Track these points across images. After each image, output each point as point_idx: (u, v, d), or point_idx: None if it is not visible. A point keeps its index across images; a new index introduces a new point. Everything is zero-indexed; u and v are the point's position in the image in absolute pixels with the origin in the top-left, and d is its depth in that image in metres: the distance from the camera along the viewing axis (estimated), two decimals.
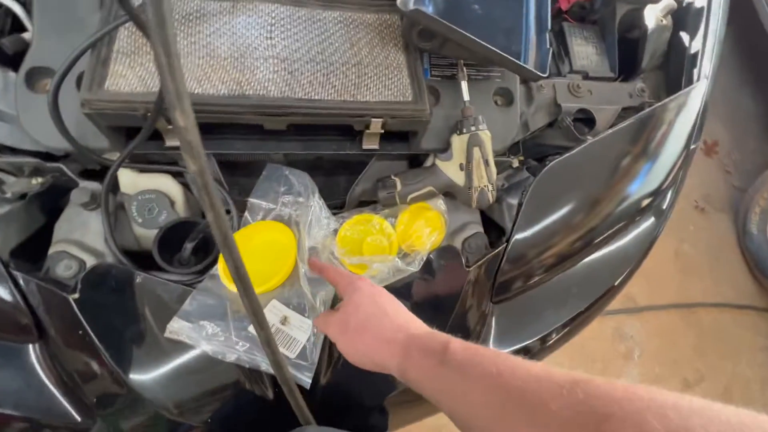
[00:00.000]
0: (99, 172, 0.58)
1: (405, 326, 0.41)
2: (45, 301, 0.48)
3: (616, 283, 0.74)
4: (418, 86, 0.55)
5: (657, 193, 0.72)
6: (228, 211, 0.59)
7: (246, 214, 0.59)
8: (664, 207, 0.75)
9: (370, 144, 0.58)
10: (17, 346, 0.50)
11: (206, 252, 0.58)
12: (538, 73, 0.53)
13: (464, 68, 0.59)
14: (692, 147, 0.76)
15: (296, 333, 0.51)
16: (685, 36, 0.78)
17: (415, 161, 0.68)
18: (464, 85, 0.59)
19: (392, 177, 0.61)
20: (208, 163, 0.58)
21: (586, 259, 0.71)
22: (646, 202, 0.71)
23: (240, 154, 0.59)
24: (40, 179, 0.53)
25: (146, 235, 0.58)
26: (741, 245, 1.86)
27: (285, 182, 0.60)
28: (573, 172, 0.65)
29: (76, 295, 0.48)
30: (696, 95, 0.74)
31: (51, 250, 0.52)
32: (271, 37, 0.54)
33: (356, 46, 0.56)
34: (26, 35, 0.55)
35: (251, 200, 0.59)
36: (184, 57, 0.50)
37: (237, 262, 0.36)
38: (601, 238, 0.69)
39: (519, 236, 0.62)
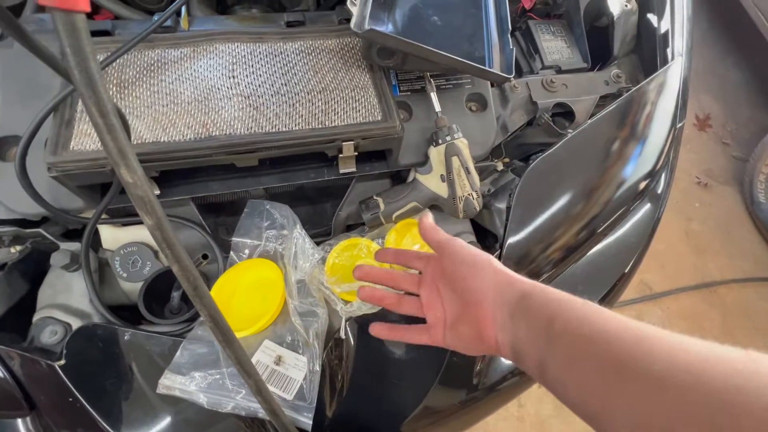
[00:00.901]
0: (81, 231, 0.58)
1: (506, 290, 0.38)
2: (31, 372, 0.46)
3: (625, 271, 0.71)
4: (386, 104, 0.54)
5: (651, 176, 0.70)
6: (205, 256, 0.58)
7: (231, 253, 0.58)
8: (660, 190, 0.72)
9: (347, 167, 0.57)
10: (7, 422, 0.48)
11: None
12: (504, 74, 0.52)
13: (431, 80, 0.59)
14: (679, 125, 0.74)
15: (292, 372, 0.49)
16: (652, 17, 0.77)
17: (398, 178, 0.67)
18: (434, 96, 0.58)
19: (374, 197, 0.60)
20: (189, 208, 0.57)
21: (588, 253, 0.68)
22: (642, 185, 0.69)
23: (218, 194, 0.58)
24: (18, 247, 0.53)
25: (133, 289, 0.57)
26: (751, 216, 1.82)
27: (267, 216, 0.59)
28: (558, 167, 0.63)
29: (62, 362, 0.47)
30: (673, 73, 0.73)
31: (35, 317, 0.51)
32: (233, 76, 0.54)
33: (320, 73, 0.56)
34: None
35: (235, 239, 0.58)
36: (148, 107, 0.50)
37: (212, 313, 0.35)
38: (598, 229, 0.67)
39: (512, 240, 0.60)
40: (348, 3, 0.49)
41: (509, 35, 0.57)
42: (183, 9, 0.59)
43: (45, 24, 0.56)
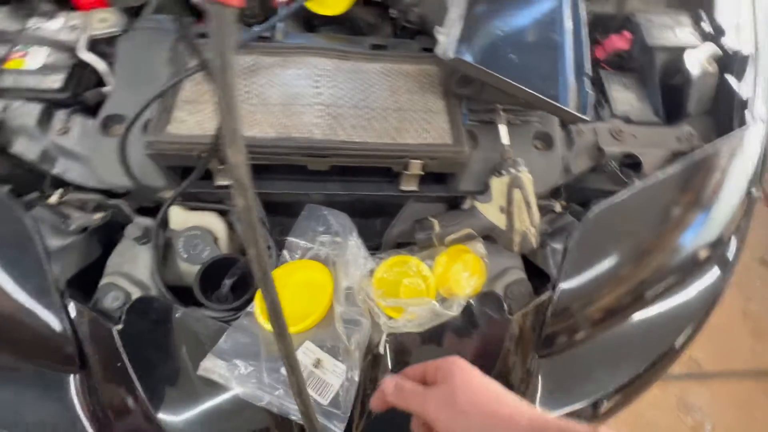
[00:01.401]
0: (152, 209, 0.62)
1: (523, 409, 0.35)
2: (92, 331, 0.49)
3: (676, 344, 0.66)
4: (457, 129, 0.56)
5: (717, 243, 0.67)
6: (269, 247, 0.60)
7: (284, 252, 0.60)
8: (730, 257, 0.68)
9: (409, 185, 0.59)
10: (58, 376, 0.51)
11: (244, 290, 0.59)
12: (580, 115, 0.53)
13: (502, 112, 0.60)
14: (755, 194, 0.71)
15: (329, 377, 0.48)
16: (732, 80, 0.75)
17: (453, 205, 0.68)
18: (503, 128, 0.59)
19: (429, 218, 0.60)
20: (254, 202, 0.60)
21: (641, 315, 0.64)
22: (704, 253, 0.65)
23: (283, 193, 0.61)
24: (100, 214, 0.57)
25: (190, 270, 0.59)
26: None
27: (323, 222, 0.61)
28: (622, 218, 0.62)
29: (120, 327, 0.49)
30: (752, 137, 0.71)
31: (102, 282, 0.54)
32: (317, 86, 0.57)
33: (397, 94, 0.59)
34: (104, 89, 0.62)
35: (290, 239, 0.60)
36: (240, 101, 0.54)
37: (274, 300, 0.36)
38: (655, 291, 0.63)
39: (566, 285, 0.58)
40: (435, 32, 0.51)
41: (586, 79, 0.57)
42: (279, 23, 0.65)
43: (162, 23, 0.63)
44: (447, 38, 0.50)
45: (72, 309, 0.49)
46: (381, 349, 0.53)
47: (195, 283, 0.55)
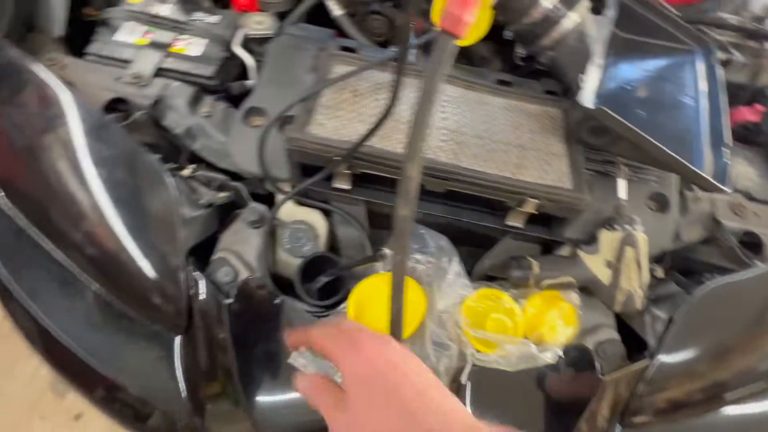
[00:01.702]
0: (262, 197, 0.66)
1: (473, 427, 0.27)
2: (205, 299, 0.53)
3: None
4: (577, 175, 0.55)
5: None
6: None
7: (377, 263, 0.61)
8: None
9: (515, 221, 0.59)
10: (164, 335, 0.55)
11: (333, 290, 0.61)
12: (718, 184, 0.51)
13: (623, 166, 0.59)
14: None
15: None
16: None
17: (547, 248, 0.67)
18: (622, 182, 0.58)
19: (528, 258, 0.60)
20: (360, 209, 0.63)
21: (741, 410, 0.59)
22: None
23: (385, 205, 0.63)
24: (224, 194, 0.62)
25: (286, 260, 0.63)
26: None
27: (419, 241, 0.62)
28: (739, 300, 0.57)
29: (230, 301, 0.53)
30: None
31: (214, 256, 0.59)
32: (444, 112, 0.60)
33: (519, 131, 0.60)
34: (248, 83, 0.69)
35: (385, 250, 0.62)
36: (371, 116, 0.57)
37: (399, 309, 0.37)
38: (761, 387, 0.58)
39: (666, 358, 0.55)
40: (579, 79, 0.52)
41: (724, 148, 0.55)
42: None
43: (309, 32, 0.69)
44: (590, 87, 0.51)
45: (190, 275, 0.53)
46: (464, 380, 0.52)
47: (296, 276, 0.58)
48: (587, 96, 0.50)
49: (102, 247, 0.55)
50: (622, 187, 0.58)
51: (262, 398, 0.50)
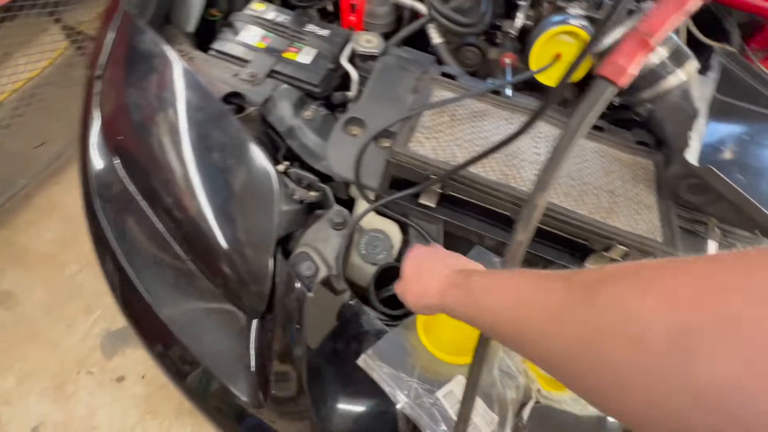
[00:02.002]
0: (341, 200, 0.70)
1: (445, 269, 0.42)
2: (287, 288, 0.56)
3: None
4: (670, 229, 0.55)
5: None
6: None
7: None
8: None
9: (596, 265, 0.58)
10: (242, 316, 0.58)
11: (399, 301, 0.62)
12: None
13: (716, 228, 0.58)
14: None
15: (479, 420, 0.49)
16: None
17: None
18: (713, 244, 0.57)
19: None
20: (438, 228, 0.65)
21: None
22: None
23: (463, 227, 0.65)
24: (314, 193, 0.66)
25: (360, 265, 0.65)
26: None
27: (488, 262, 0.63)
28: None
29: (311, 294, 0.55)
30: None
31: (297, 249, 0.62)
32: (537, 147, 0.61)
33: (610, 176, 0.60)
34: (349, 94, 0.73)
35: None
36: (467, 141, 0.60)
37: (484, 347, 0.38)
38: None
39: None
40: (678, 134, 0.52)
41: None
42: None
43: (411, 53, 0.73)
44: (696, 145, 0.51)
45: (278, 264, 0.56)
46: (525, 416, 0.52)
47: (371, 282, 0.60)
48: (693, 153, 0.50)
49: (200, 224, 0.59)
50: (712, 249, 0.56)
51: (326, 393, 0.52)
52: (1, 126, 1.45)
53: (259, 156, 0.60)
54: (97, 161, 0.68)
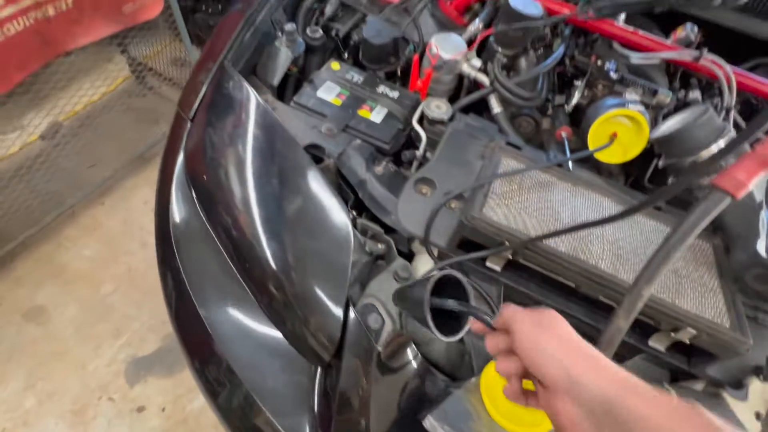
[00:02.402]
0: (402, 253, 0.72)
1: (608, 361, 0.34)
2: (356, 340, 0.57)
3: None
4: (737, 316, 0.56)
5: None
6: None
7: None
8: None
9: (659, 344, 0.59)
10: (307, 364, 0.59)
11: (453, 324, 0.62)
12: None
13: None
14: None
15: None
16: None
17: (675, 377, 0.65)
18: None
19: (666, 386, 0.59)
20: (497, 290, 0.66)
21: None
22: None
23: (524, 292, 0.66)
24: (383, 246, 0.68)
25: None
26: None
27: None
28: None
29: (380, 350, 0.56)
30: None
31: (364, 300, 0.63)
32: (605, 228, 0.64)
33: None
34: (417, 153, 0.78)
35: None
36: (536, 210, 0.63)
37: None
38: None
39: None
40: (757, 228, 0.55)
41: None
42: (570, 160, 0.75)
43: (479, 121, 0.78)
44: (765, 237, 0.53)
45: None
46: None
47: (425, 298, 0.61)
48: (763, 246, 0.52)
49: (274, 269, 0.62)
50: None
51: None
52: (59, 144, 1.53)
53: (338, 207, 0.63)
54: (177, 195, 0.72)
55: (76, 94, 1.63)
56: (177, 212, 0.72)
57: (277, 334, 0.62)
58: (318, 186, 0.65)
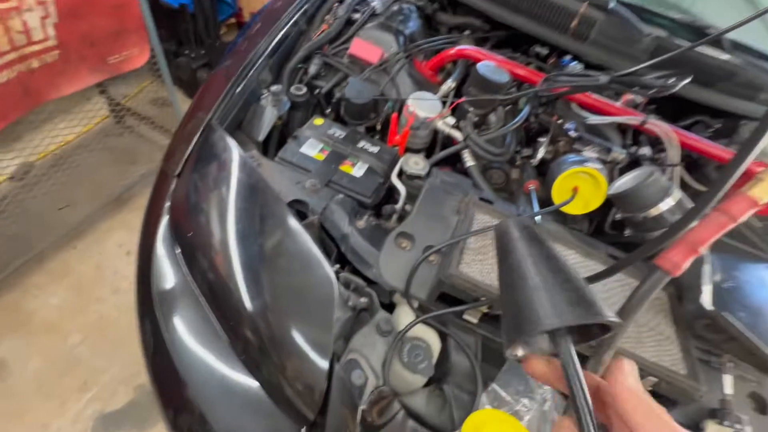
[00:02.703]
0: (383, 305, 0.74)
1: None
2: (340, 398, 0.58)
3: None
4: (691, 363, 0.61)
5: None
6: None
7: (484, 396, 0.66)
8: None
9: None
10: (291, 424, 0.59)
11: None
12: None
13: (730, 363, 0.64)
14: None
15: None
16: None
17: None
18: (728, 378, 0.63)
19: None
20: (474, 340, 0.69)
21: None
22: None
23: (498, 340, 0.69)
24: (365, 299, 0.71)
25: (401, 373, 0.68)
26: None
27: (524, 383, 0.67)
28: None
29: (364, 407, 0.57)
30: None
31: (348, 356, 0.65)
32: None
33: None
34: (396, 207, 0.82)
35: (494, 386, 0.66)
36: None
37: None
38: None
39: None
40: (700, 281, 0.61)
41: None
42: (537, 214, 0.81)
43: (454, 177, 0.84)
44: (708, 291, 0.60)
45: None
46: None
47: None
48: (707, 299, 0.59)
49: (258, 325, 0.63)
50: (728, 383, 0.62)
51: None
52: (28, 185, 1.50)
53: (322, 263, 0.66)
54: (161, 251, 0.72)
55: (50, 135, 1.61)
56: (159, 264, 0.73)
57: (261, 393, 0.63)
58: (302, 242, 0.68)
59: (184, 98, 2.13)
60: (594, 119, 0.91)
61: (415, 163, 0.84)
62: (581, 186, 0.84)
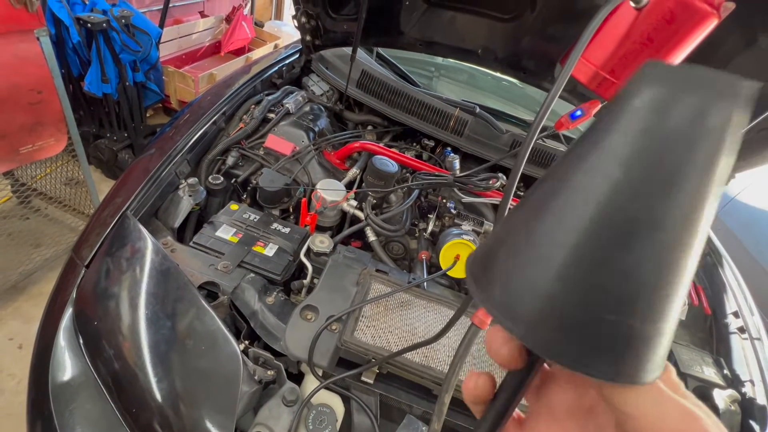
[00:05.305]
0: (292, 374, 0.81)
1: None
2: None
3: None
4: None
5: None
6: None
7: None
8: None
9: None
10: None
11: None
12: None
13: None
14: None
15: None
16: (754, 425, 0.92)
17: None
18: None
19: None
20: (374, 399, 0.78)
21: None
22: None
23: (395, 399, 0.78)
24: (272, 372, 0.76)
25: None
26: None
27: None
28: None
29: None
30: None
31: (253, 430, 0.69)
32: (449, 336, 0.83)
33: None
34: (305, 281, 0.92)
35: None
36: (398, 327, 0.79)
37: None
38: None
39: None
40: None
41: None
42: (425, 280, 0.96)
43: (354, 253, 0.97)
44: None
45: None
46: None
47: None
48: None
49: (163, 409, 0.65)
50: None
51: None
52: None
53: (228, 342, 0.72)
54: (62, 342, 0.73)
55: None
56: (59, 356, 0.73)
57: None
58: (209, 323, 0.73)
59: (104, 178, 2.10)
60: (467, 199, 1.13)
61: (321, 242, 0.97)
62: (462, 254, 1.02)
